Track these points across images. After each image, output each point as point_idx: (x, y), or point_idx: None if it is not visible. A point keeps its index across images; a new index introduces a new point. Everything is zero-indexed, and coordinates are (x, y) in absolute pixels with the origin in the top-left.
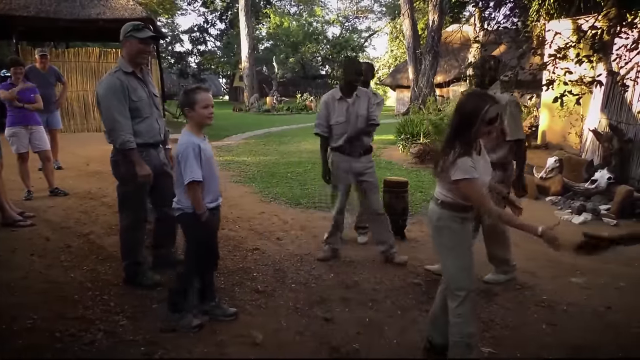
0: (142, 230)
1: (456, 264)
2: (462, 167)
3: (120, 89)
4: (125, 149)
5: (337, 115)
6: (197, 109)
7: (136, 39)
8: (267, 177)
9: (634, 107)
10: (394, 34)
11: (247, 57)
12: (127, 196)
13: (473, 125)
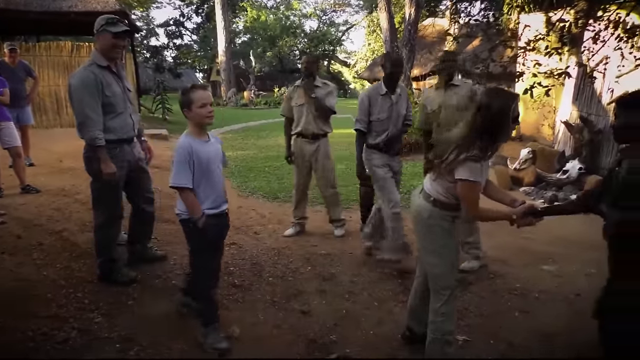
0: (116, 227)
1: (444, 263)
2: (470, 168)
3: (94, 84)
4: (94, 145)
5: (379, 112)
6: (194, 109)
7: (110, 33)
8: (244, 171)
9: (603, 99)
10: (371, 27)
11: (224, 51)
12: (101, 193)
13: (504, 125)
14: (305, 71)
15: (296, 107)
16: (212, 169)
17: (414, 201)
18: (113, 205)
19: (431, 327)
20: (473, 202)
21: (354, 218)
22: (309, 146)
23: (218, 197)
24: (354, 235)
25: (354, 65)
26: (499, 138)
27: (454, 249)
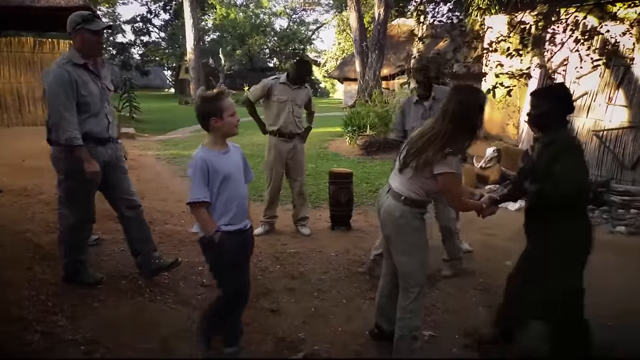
0: (88, 229)
1: (415, 261)
2: (450, 162)
3: (68, 82)
4: (72, 145)
5: (412, 120)
6: (225, 117)
7: (88, 31)
8: None
9: None
10: (341, 26)
11: (192, 49)
12: (72, 193)
13: (477, 120)
14: (302, 80)
15: (277, 103)
16: (231, 182)
17: (382, 202)
18: (85, 207)
19: (399, 324)
20: (457, 194)
21: (324, 217)
22: (285, 145)
23: (239, 212)
24: (323, 234)
25: (324, 64)
26: (473, 133)
27: (424, 247)
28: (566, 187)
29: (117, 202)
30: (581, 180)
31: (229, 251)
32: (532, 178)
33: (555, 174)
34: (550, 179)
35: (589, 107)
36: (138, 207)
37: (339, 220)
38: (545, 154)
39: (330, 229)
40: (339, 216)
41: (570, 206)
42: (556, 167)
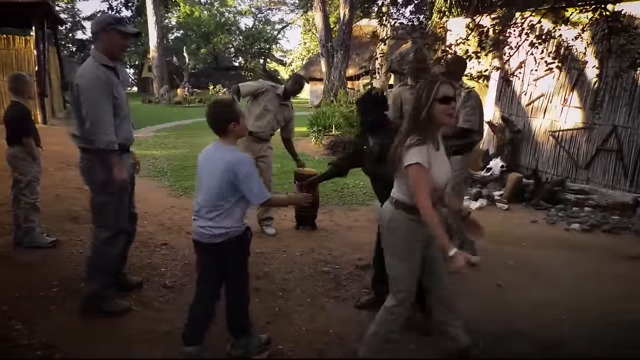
0: (122, 243)
1: (403, 267)
2: (414, 153)
3: (105, 84)
4: (110, 149)
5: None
6: (241, 121)
7: (119, 33)
8: (178, 170)
9: (522, 101)
10: (307, 26)
11: (155, 47)
12: (109, 206)
13: (425, 106)
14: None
15: (263, 109)
16: None
17: (385, 205)
18: (121, 218)
19: (378, 320)
20: (420, 187)
21: (289, 216)
22: (257, 145)
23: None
24: (287, 234)
25: (290, 63)
26: (430, 118)
27: (413, 254)
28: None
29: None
30: None
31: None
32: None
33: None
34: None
35: (545, 108)
36: (136, 218)
37: (304, 220)
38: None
39: (295, 228)
40: (304, 216)
41: None
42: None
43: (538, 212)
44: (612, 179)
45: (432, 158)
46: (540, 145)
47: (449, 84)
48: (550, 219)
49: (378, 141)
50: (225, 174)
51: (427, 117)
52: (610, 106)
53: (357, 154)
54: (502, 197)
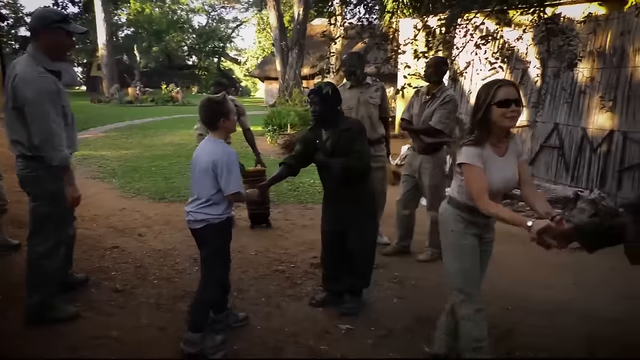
0: (61, 253)
1: (455, 265)
2: (465, 153)
3: (56, 92)
4: (64, 165)
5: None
6: (231, 117)
7: (65, 32)
8: (129, 171)
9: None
10: (261, 25)
11: (104, 45)
12: (52, 218)
13: (481, 110)
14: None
15: None
16: None
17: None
18: (64, 229)
19: (460, 333)
20: (474, 187)
21: (243, 216)
22: None
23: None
24: (243, 233)
25: (245, 62)
26: (488, 124)
27: (465, 253)
28: (364, 160)
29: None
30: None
31: (231, 234)
32: (330, 155)
33: (355, 152)
34: (351, 156)
35: None
36: (74, 219)
37: (257, 218)
38: (343, 139)
39: (250, 228)
40: (256, 215)
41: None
42: (354, 147)
43: None
44: (554, 174)
45: (489, 161)
46: None
47: (510, 86)
48: None
49: (330, 135)
50: (209, 165)
51: (485, 120)
52: (552, 105)
53: (307, 148)
54: None
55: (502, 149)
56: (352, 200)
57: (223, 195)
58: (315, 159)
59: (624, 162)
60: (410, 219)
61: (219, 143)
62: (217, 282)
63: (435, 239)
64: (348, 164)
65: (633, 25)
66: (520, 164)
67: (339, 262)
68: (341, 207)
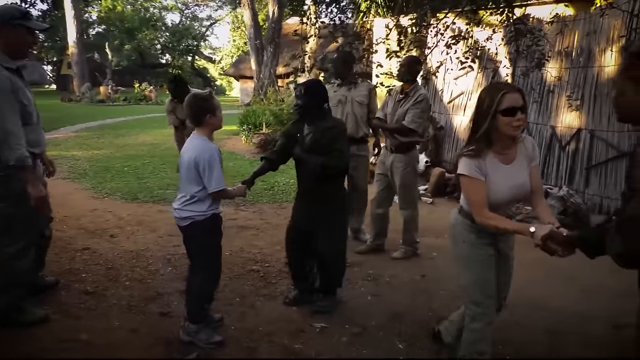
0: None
1: (468, 277)
2: (463, 164)
3: (11, 93)
4: (24, 165)
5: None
6: (217, 114)
7: (26, 29)
8: (100, 172)
9: (444, 99)
10: (236, 23)
11: (75, 43)
12: (18, 218)
13: (485, 118)
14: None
15: None
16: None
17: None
18: (32, 230)
19: (462, 344)
20: (471, 200)
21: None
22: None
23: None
24: None
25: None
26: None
27: (478, 264)
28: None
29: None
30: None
31: (220, 233)
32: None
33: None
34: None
35: (465, 105)
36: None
37: None
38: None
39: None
40: None
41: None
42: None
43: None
44: None
45: (493, 171)
46: (461, 141)
47: (515, 92)
48: None
49: (313, 130)
50: (192, 162)
51: (489, 129)
52: None
53: (289, 143)
54: (427, 191)
55: (509, 155)
56: (324, 199)
57: (207, 192)
58: (294, 153)
59: (592, 159)
60: (384, 217)
61: (202, 140)
62: (209, 277)
63: (408, 237)
64: (328, 162)
65: (599, 25)
66: (531, 169)
67: (304, 260)
68: (312, 205)
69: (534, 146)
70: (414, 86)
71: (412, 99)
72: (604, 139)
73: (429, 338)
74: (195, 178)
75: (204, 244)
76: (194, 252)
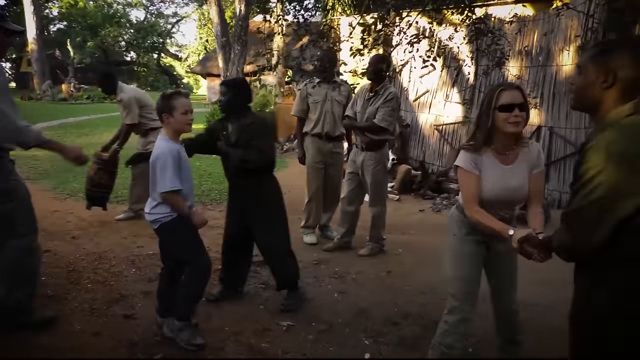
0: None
1: (452, 272)
2: (461, 156)
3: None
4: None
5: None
6: (175, 115)
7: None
8: (62, 172)
9: (410, 97)
10: (202, 20)
11: (35, 39)
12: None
13: (486, 115)
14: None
15: None
16: (188, 171)
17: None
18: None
19: (437, 330)
20: (463, 192)
21: None
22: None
23: (192, 196)
24: None
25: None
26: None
27: (462, 260)
28: (263, 156)
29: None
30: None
31: (193, 227)
32: (235, 145)
33: (254, 146)
34: (250, 150)
35: (430, 103)
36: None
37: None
38: (246, 133)
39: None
40: (95, 197)
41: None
42: (254, 141)
43: (425, 202)
44: None
45: (487, 168)
46: (427, 139)
47: (514, 89)
48: (436, 207)
49: (236, 127)
50: (152, 164)
51: (489, 126)
52: None
53: (209, 137)
54: (393, 188)
55: (510, 157)
56: (253, 195)
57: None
58: (219, 148)
59: (551, 156)
60: (355, 215)
61: (161, 140)
62: (193, 275)
63: (375, 234)
64: (246, 156)
65: (556, 25)
66: (533, 176)
67: (237, 258)
68: (243, 201)
69: (540, 153)
70: (383, 84)
71: (383, 97)
72: (562, 135)
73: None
74: (154, 180)
75: (176, 244)
76: (172, 253)
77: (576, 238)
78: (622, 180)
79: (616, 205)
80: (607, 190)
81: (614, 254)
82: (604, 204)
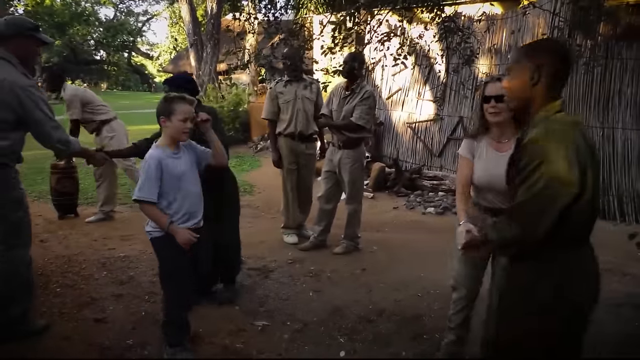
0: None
1: (454, 261)
2: (462, 144)
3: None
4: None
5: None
6: (173, 120)
7: (37, 41)
8: (30, 174)
9: (383, 95)
10: (174, 19)
11: None
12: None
13: (480, 105)
14: None
15: None
16: (185, 183)
17: None
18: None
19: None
20: (457, 175)
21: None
22: None
23: (192, 210)
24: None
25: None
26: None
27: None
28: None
29: None
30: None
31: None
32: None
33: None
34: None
35: (403, 101)
36: None
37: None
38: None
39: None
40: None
41: None
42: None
43: (399, 199)
44: None
45: (481, 153)
46: (400, 136)
47: (496, 81)
48: (410, 204)
49: None
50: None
51: (480, 115)
52: (457, 99)
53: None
54: (368, 186)
55: (505, 145)
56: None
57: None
58: None
59: None
60: (331, 213)
61: (153, 147)
62: (172, 298)
63: (350, 232)
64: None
65: (524, 24)
66: None
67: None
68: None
69: None
70: (358, 82)
71: (359, 96)
72: None
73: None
74: None
75: (161, 260)
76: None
77: (525, 230)
78: (559, 171)
79: (556, 195)
80: (547, 182)
81: (558, 243)
82: (545, 195)
